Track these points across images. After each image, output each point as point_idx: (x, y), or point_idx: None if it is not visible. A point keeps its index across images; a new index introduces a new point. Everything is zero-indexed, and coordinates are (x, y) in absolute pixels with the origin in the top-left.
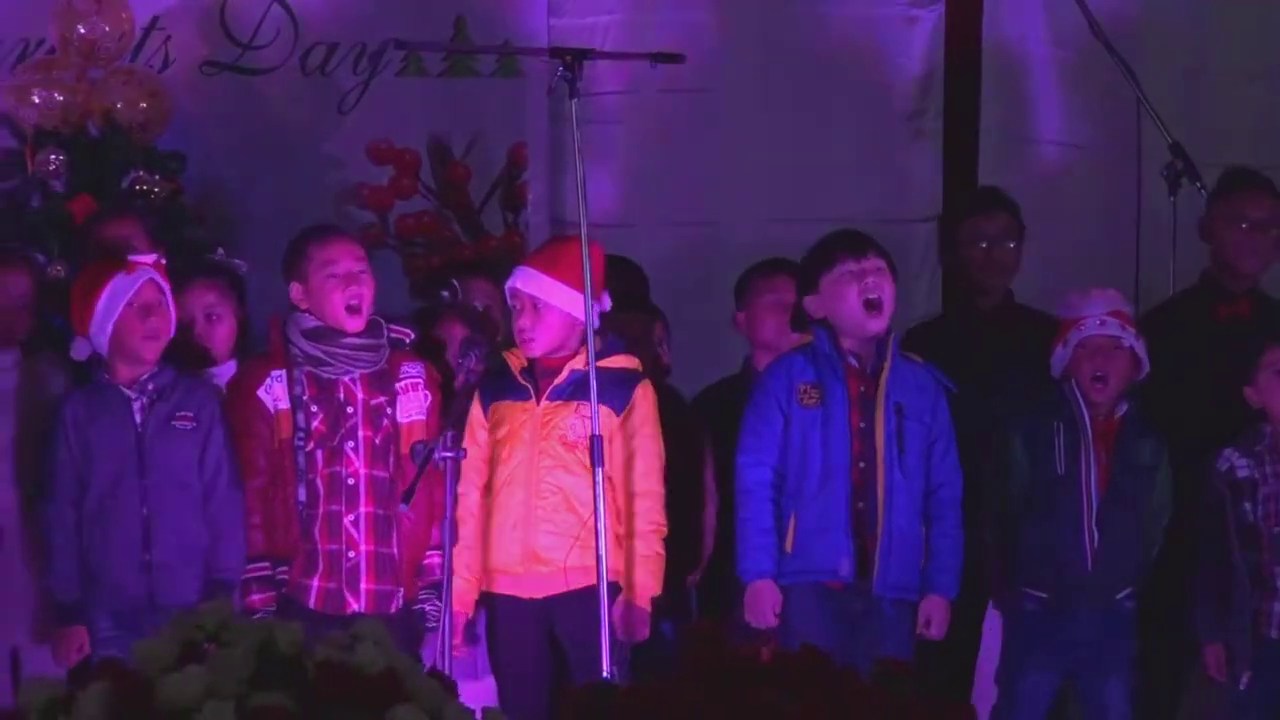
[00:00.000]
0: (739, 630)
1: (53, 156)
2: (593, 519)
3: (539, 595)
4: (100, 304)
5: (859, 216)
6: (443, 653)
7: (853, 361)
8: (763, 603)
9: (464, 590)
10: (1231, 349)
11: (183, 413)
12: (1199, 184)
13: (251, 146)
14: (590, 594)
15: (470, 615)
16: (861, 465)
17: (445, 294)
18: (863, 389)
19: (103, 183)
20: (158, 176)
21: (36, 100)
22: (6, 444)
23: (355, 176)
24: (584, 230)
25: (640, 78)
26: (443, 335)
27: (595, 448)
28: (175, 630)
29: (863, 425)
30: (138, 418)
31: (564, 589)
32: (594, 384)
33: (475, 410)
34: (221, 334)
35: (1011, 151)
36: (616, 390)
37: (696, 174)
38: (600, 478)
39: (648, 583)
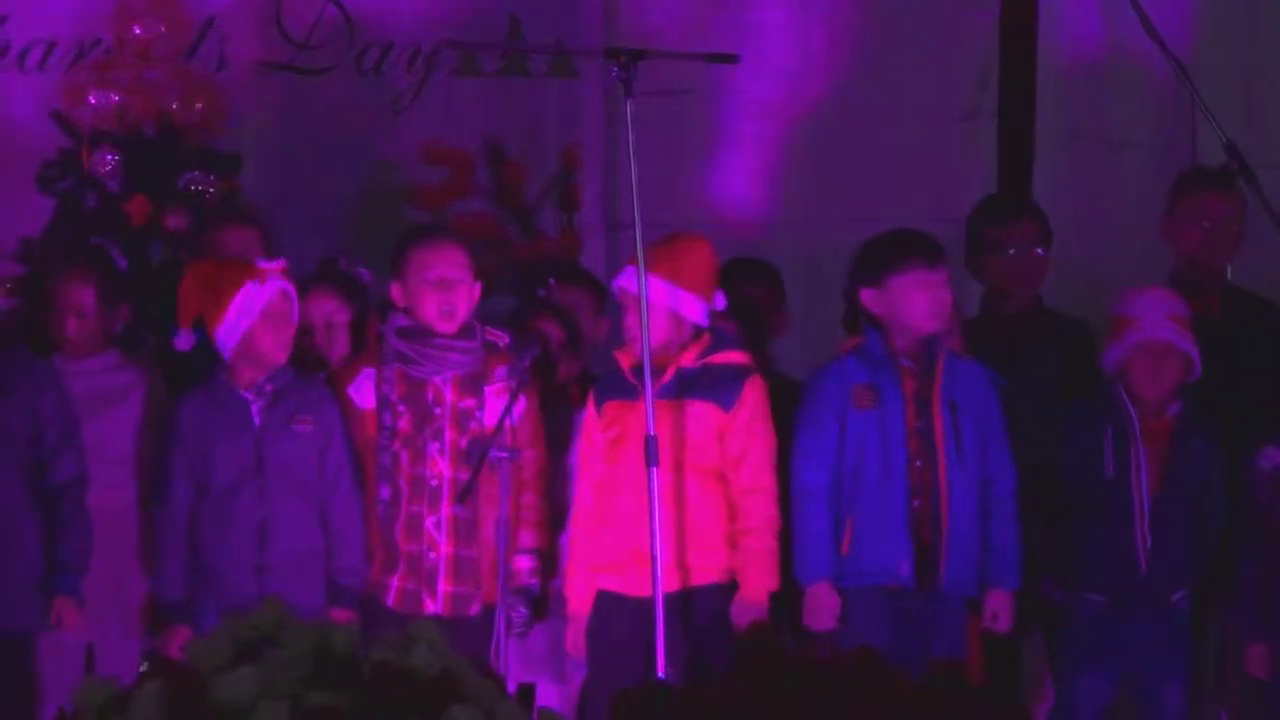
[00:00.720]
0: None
1: (108, 157)
2: (703, 519)
3: (646, 593)
4: (233, 309)
5: (912, 216)
6: (496, 653)
7: (905, 361)
8: (821, 606)
9: (580, 589)
10: (1204, 346)
11: (303, 415)
12: (1254, 185)
13: (307, 147)
14: (699, 593)
15: (587, 613)
16: (919, 464)
17: (540, 292)
18: (917, 388)
19: (158, 183)
20: (213, 177)
21: (92, 100)
22: (102, 443)
23: (410, 177)
24: (638, 231)
25: (695, 78)
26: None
27: (649, 448)
28: (229, 630)
29: (919, 424)
30: (256, 420)
31: (673, 587)
32: (649, 384)
33: (589, 409)
34: (340, 341)
35: (1067, 151)
36: (725, 386)
37: (750, 174)
38: (654, 477)
39: (762, 578)
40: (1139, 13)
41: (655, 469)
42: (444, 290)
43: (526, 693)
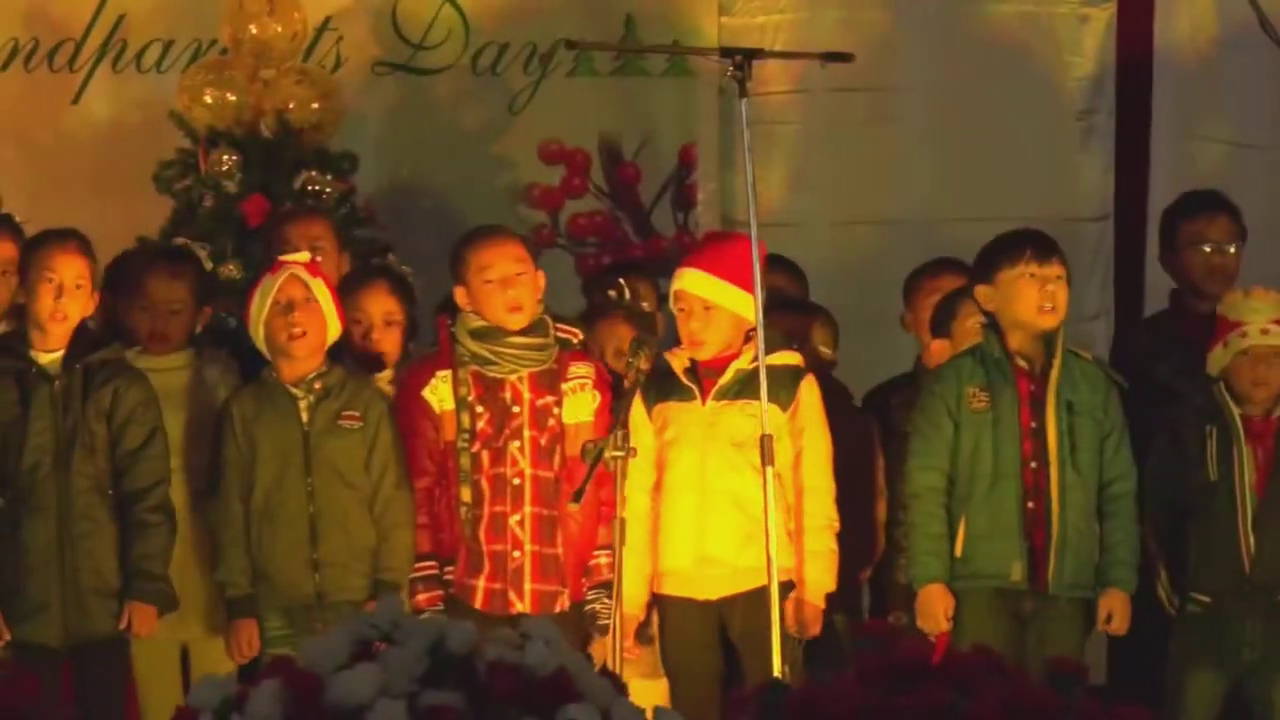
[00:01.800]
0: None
1: (225, 157)
2: (763, 518)
3: (711, 597)
4: (253, 303)
5: (1029, 216)
6: (613, 653)
7: (1021, 362)
8: (934, 607)
9: (634, 592)
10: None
11: (349, 412)
12: None
13: (422, 147)
14: (762, 594)
15: (642, 617)
16: (1033, 466)
17: (612, 293)
18: (1033, 389)
19: (275, 183)
20: (329, 177)
21: (209, 101)
22: (177, 441)
23: (526, 176)
24: (754, 230)
25: (811, 77)
26: (608, 334)
27: (765, 447)
28: (346, 628)
29: (1034, 425)
30: (304, 416)
31: (736, 589)
32: (764, 384)
33: (639, 412)
34: (396, 338)
35: (1183, 151)
36: (780, 387)
37: (866, 173)
38: (770, 476)
39: (820, 579)
40: (1257, 10)
41: (771, 468)
42: (508, 287)
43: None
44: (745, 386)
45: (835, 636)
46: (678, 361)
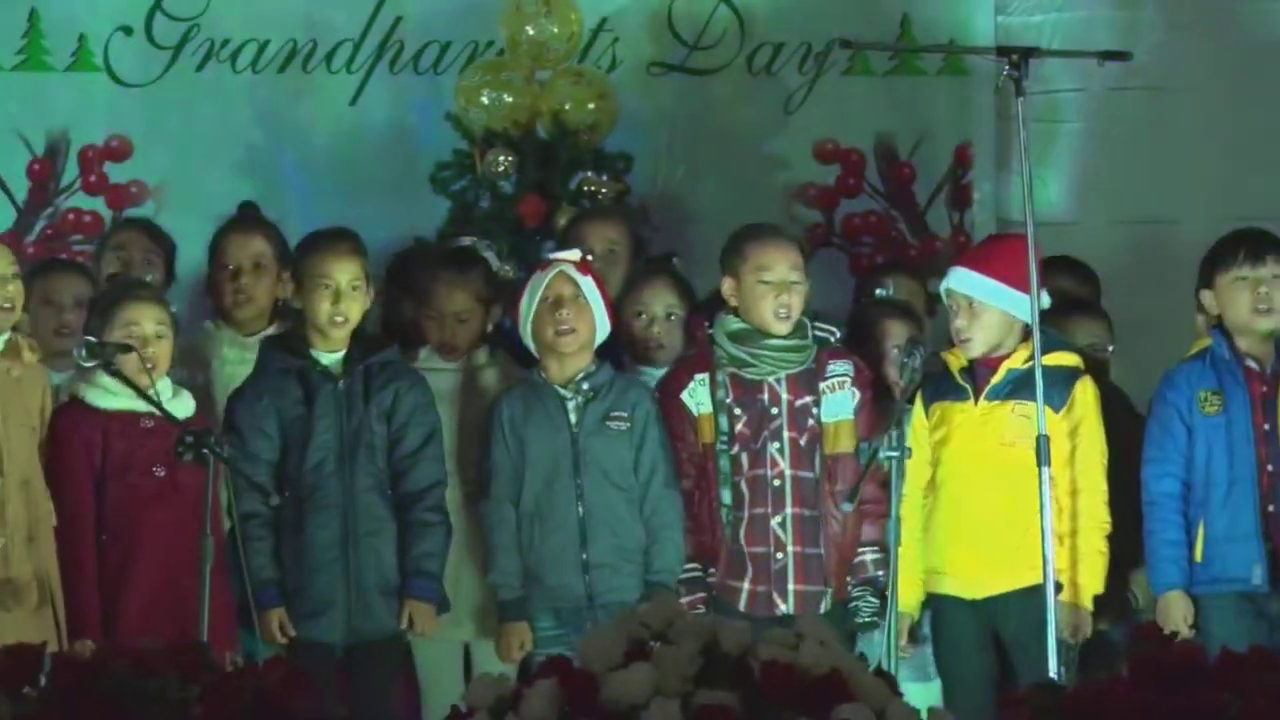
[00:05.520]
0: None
1: (502, 158)
2: (1035, 518)
3: (982, 595)
4: (522, 300)
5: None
6: (888, 653)
7: (1251, 364)
8: (1174, 613)
9: (908, 592)
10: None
11: (617, 413)
12: None
13: (698, 146)
14: (1033, 593)
15: (916, 617)
16: (1270, 468)
17: (880, 291)
18: (1264, 390)
19: (551, 184)
20: (605, 177)
21: (485, 101)
22: (451, 443)
23: (801, 176)
24: (1031, 230)
25: (1088, 76)
26: (878, 333)
27: (1041, 447)
28: (621, 628)
29: (1267, 428)
30: (572, 417)
31: (1007, 589)
32: (1039, 384)
33: (917, 411)
34: (676, 333)
35: None
36: (1056, 387)
37: (1148, 172)
38: (1046, 477)
39: (1091, 581)
40: None
41: (1047, 468)
42: (781, 292)
43: None
44: (1019, 386)
45: (1106, 639)
46: (954, 361)
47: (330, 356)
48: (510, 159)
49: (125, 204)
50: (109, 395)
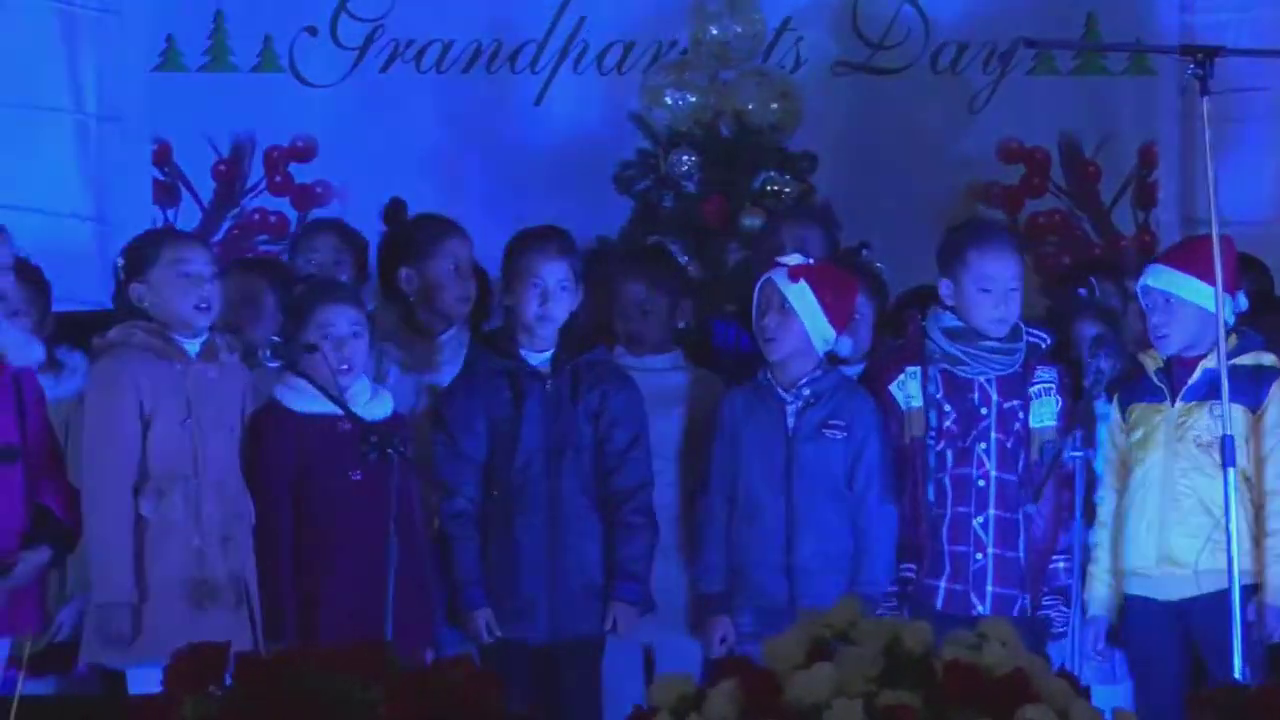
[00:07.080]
0: None
1: (685, 158)
2: (1226, 520)
3: (1173, 598)
4: (754, 306)
5: None
6: (1074, 653)
7: None
8: None
9: (1101, 594)
10: None
11: (835, 420)
12: None
13: (881, 147)
14: (1224, 596)
15: (1112, 620)
16: None
17: (1082, 291)
18: None
19: (734, 184)
20: (788, 177)
21: (669, 101)
22: (674, 444)
23: (985, 175)
24: (1214, 229)
25: (1276, 74)
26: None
27: (1226, 448)
28: (804, 629)
29: None
30: (790, 421)
31: (1197, 591)
32: (1224, 383)
33: (1114, 412)
34: (860, 333)
35: None
36: (1251, 387)
37: None
38: (1231, 478)
39: None
40: None
41: (1233, 469)
42: (1001, 302)
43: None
44: (1215, 386)
45: None
46: (1150, 362)
47: (538, 356)
48: (693, 159)
49: (310, 204)
50: (303, 398)
